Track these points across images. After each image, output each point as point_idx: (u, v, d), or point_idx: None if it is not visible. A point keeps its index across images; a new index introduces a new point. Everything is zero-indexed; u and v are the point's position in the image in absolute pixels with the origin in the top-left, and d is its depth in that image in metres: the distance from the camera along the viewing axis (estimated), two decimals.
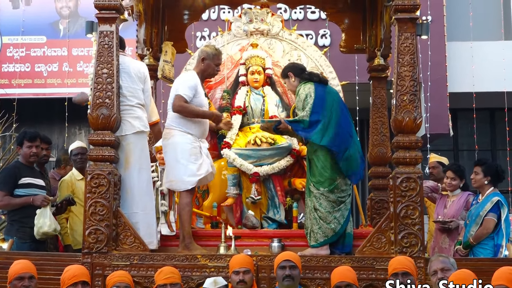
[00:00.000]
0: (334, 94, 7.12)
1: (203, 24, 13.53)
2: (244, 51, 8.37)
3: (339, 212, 6.80)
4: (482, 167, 7.56)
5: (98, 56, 6.61)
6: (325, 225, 6.81)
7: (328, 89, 7.09)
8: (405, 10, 6.56)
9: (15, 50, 14.55)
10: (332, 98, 6.96)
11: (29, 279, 5.55)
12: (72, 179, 7.86)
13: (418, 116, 6.44)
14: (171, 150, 6.86)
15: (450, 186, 7.99)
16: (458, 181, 7.98)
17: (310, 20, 13.92)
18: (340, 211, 6.80)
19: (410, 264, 5.68)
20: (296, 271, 5.85)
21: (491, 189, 7.51)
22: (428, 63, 12.60)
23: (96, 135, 6.54)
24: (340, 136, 6.84)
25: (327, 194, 6.84)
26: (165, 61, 8.39)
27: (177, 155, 6.82)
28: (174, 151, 6.84)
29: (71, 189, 7.76)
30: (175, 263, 6.27)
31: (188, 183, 6.84)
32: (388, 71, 8.44)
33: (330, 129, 6.83)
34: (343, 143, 6.84)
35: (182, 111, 6.82)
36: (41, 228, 6.96)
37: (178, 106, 6.82)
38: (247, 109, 8.07)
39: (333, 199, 6.80)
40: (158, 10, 8.54)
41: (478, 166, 7.59)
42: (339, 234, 6.79)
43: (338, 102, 7.01)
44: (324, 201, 6.83)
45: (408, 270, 5.59)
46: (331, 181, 6.84)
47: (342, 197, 6.82)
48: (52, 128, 14.55)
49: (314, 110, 6.87)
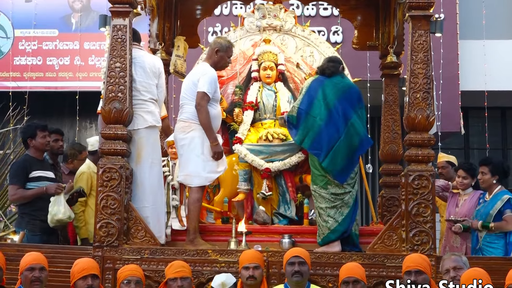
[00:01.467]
0: (333, 86, 7.01)
1: (215, 19, 13.51)
2: (256, 46, 8.36)
3: (334, 210, 6.81)
4: (489, 167, 7.56)
5: (111, 50, 6.61)
6: (322, 223, 6.84)
7: (328, 82, 7.03)
8: (419, 7, 6.53)
9: (27, 43, 14.57)
10: (327, 92, 6.94)
11: (40, 270, 5.54)
12: (90, 172, 7.88)
13: (431, 114, 6.42)
14: (191, 144, 6.83)
15: (462, 185, 7.96)
16: (469, 180, 7.95)
17: (323, 17, 13.88)
18: (336, 208, 6.81)
19: (423, 262, 5.62)
20: (305, 267, 5.82)
21: (499, 187, 7.53)
22: (440, 61, 12.53)
23: (108, 129, 6.54)
24: (323, 137, 6.86)
25: (320, 190, 6.90)
26: (177, 56, 8.39)
27: (197, 150, 6.81)
28: (194, 145, 6.82)
29: (90, 181, 7.78)
30: (186, 258, 6.27)
31: (206, 179, 6.87)
32: (400, 69, 8.41)
33: (312, 132, 6.92)
34: (327, 143, 6.84)
35: (200, 110, 6.78)
36: (55, 216, 6.98)
37: (200, 105, 6.79)
38: (259, 104, 8.07)
39: (326, 195, 6.82)
40: (171, 5, 8.54)
41: (484, 166, 7.59)
42: (339, 232, 6.78)
43: (334, 94, 6.94)
44: (319, 198, 6.89)
45: (422, 268, 5.54)
46: (322, 177, 6.88)
47: (338, 194, 6.81)
48: (62, 121, 14.56)
49: (299, 106, 7.05)
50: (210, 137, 6.80)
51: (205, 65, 7.08)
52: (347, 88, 7.05)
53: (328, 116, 6.86)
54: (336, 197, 6.80)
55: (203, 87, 6.81)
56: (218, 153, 6.83)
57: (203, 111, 6.77)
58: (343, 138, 6.80)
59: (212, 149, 6.80)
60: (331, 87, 6.96)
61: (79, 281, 5.55)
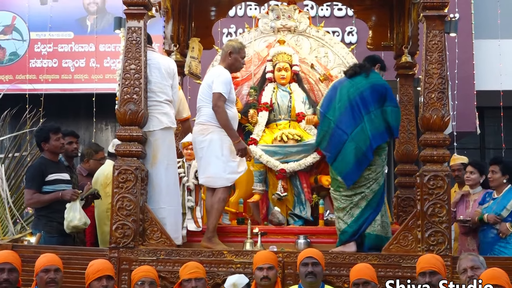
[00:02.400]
0: (349, 87, 6.91)
1: (229, 20, 13.52)
2: (271, 47, 8.37)
3: (344, 212, 6.78)
4: (500, 166, 7.58)
5: (126, 52, 6.63)
6: (336, 225, 6.87)
7: (346, 83, 6.96)
8: (434, 7, 6.50)
9: (43, 45, 14.62)
10: (342, 93, 6.90)
11: (55, 272, 5.56)
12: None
13: (446, 114, 6.39)
14: (210, 146, 6.87)
15: (469, 180, 7.93)
16: (477, 175, 7.93)
17: (337, 17, 13.86)
18: (345, 210, 6.78)
19: (438, 263, 5.59)
20: (319, 268, 5.81)
21: (509, 186, 7.54)
22: (455, 61, 12.52)
23: (124, 130, 6.56)
24: (333, 139, 6.86)
25: (334, 193, 6.91)
26: (192, 57, 8.41)
27: (217, 152, 6.84)
28: (213, 147, 6.85)
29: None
30: (201, 259, 6.28)
31: (227, 180, 6.91)
32: (415, 69, 8.40)
33: (328, 134, 6.92)
34: (336, 146, 6.82)
35: (218, 111, 6.82)
36: (71, 222, 7.00)
37: (217, 106, 6.83)
38: (274, 105, 8.07)
39: (338, 197, 6.82)
40: (185, 6, 8.57)
41: (495, 165, 7.59)
42: (348, 233, 6.75)
43: (348, 96, 6.85)
44: (334, 200, 6.93)
45: (436, 269, 5.51)
46: (335, 180, 6.91)
47: (348, 196, 6.77)
48: (78, 123, 14.63)
49: (320, 108, 7.08)
50: (232, 136, 6.84)
51: (219, 68, 7.11)
52: (365, 88, 6.86)
53: (339, 118, 6.84)
54: (346, 199, 6.78)
55: (218, 88, 6.83)
56: (242, 149, 6.86)
57: (221, 111, 6.80)
58: (350, 141, 6.74)
59: (236, 147, 6.84)
60: (348, 88, 6.88)
61: (94, 282, 5.57)
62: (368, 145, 6.72)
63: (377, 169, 6.82)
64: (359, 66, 7.08)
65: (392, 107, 6.81)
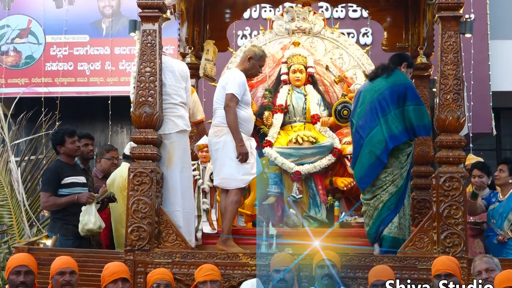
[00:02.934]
0: (369, 90, 6.84)
1: (244, 22, 13.50)
2: (286, 49, 8.36)
3: (365, 215, 6.79)
4: (508, 166, 7.56)
5: (141, 55, 6.65)
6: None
7: (368, 87, 6.90)
8: (449, 8, 6.49)
9: (58, 49, 14.65)
10: (362, 97, 6.85)
11: (70, 274, 5.60)
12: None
13: (462, 115, 6.37)
14: (224, 147, 6.88)
15: (480, 184, 7.87)
16: (486, 178, 7.87)
17: (352, 19, 13.82)
18: (366, 213, 6.77)
19: (453, 265, 5.58)
20: (335, 270, 5.82)
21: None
22: (471, 62, 12.46)
23: (139, 133, 6.58)
24: (354, 144, 6.89)
25: (361, 196, 6.89)
26: (207, 60, 8.42)
27: (231, 153, 6.84)
28: (227, 149, 6.86)
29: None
30: (217, 261, 6.29)
31: (241, 181, 6.91)
32: (430, 70, 8.36)
33: (353, 140, 6.95)
34: (355, 150, 6.84)
35: (228, 111, 6.84)
36: (86, 225, 7.01)
37: (228, 106, 6.85)
38: (289, 107, 8.07)
39: (363, 202, 6.82)
40: (200, 9, 8.58)
41: (504, 164, 7.59)
42: (369, 236, 6.75)
43: (366, 99, 6.79)
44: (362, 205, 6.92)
45: (451, 271, 5.50)
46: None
47: (367, 199, 6.74)
48: (94, 126, 14.66)
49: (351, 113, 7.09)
50: (236, 138, 6.83)
51: (235, 70, 7.12)
52: (384, 89, 6.74)
53: (359, 122, 6.82)
54: (366, 202, 6.76)
55: (231, 88, 6.85)
56: (243, 154, 6.83)
57: (231, 112, 6.81)
58: (365, 145, 6.69)
59: (237, 150, 6.82)
60: (368, 92, 6.83)
61: (109, 285, 5.59)
62: (383, 147, 6.60)
63: (394, 171, 6.67)
64: (382, 68, 6.98)
65: (414, 105, 6.66)
